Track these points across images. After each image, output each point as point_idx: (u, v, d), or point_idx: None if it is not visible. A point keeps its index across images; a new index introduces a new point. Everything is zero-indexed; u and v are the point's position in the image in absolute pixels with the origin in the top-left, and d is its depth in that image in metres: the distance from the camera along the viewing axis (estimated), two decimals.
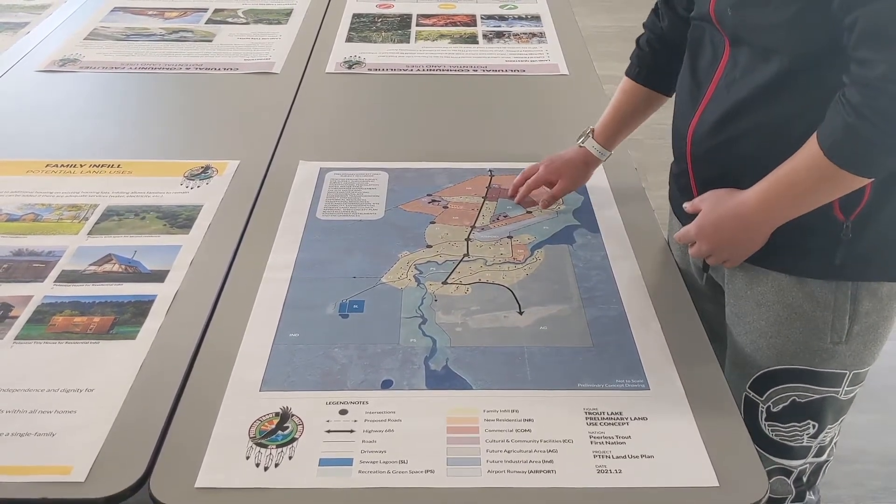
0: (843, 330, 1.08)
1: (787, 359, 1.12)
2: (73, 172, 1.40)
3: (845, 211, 1.03)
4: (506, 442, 0.91)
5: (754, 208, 1.04)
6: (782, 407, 1.15)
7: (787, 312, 1.10)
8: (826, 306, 1.08)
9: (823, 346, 1.10)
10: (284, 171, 1.40)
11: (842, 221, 1.03)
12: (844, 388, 1.14)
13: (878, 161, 0.95)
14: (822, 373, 1.12)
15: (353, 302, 1.11)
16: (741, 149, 1.06)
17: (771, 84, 1.01)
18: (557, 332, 1.06)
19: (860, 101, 0.90)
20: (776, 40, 0.99)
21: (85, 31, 1.95)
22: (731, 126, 1.06)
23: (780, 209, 1.03)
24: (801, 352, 1.11)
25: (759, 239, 1.06)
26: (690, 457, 0.89)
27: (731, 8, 1.02)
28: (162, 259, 1.18)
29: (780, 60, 0.99)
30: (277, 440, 0.90)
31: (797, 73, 0.99)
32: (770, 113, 1.02)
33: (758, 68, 1.02)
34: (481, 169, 1.41)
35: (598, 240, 1.24)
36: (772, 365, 1.13)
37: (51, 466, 0.87)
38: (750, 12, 1.00)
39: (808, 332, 1.10)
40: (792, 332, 1.10)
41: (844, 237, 1.04)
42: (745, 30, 1.02)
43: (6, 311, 1.09)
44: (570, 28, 2.00)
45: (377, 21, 2.02)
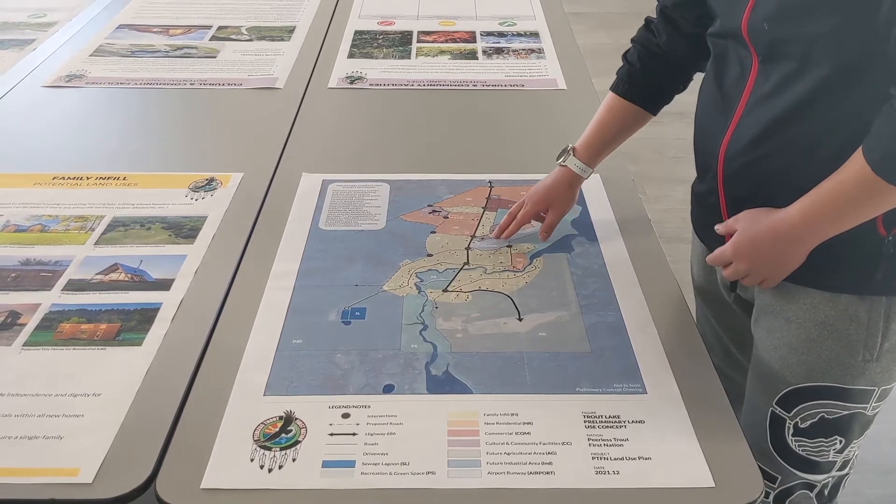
0: (876, 347, 1.07)
1: (817, 375, 1.10)
2: (79, 185, 1.42)
3: (888, 226, 1.01)
4: (505, 444, 0.92)
5: (796, 224, 1.01)
6: (810, 423, 1.13)
7: (819, 330, 1.08)
8: (860, 323, 1.06)
9: (854, 363, 1.08)
10: (287, 183, 1.43)
11: (884, 236, 1.01)
12: (872, 404, 1.12)
13: None
14: (851, 390, 1.10)
15: (356, 309, 1.13)
16: (775, 165, 1.03)
17: (807, 98, 0.98)
18: (556, 337, 1.08)
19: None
20: (816, 52, 0.96)
21: (91, 47, 1.98)
22: (766, 142, 1.03)
23: (824, 225, 0.99)
24: (832, 369, 1.09)
25: (799, 257, 1.03)
26: (687, 458, 0.91)
27: (767, 22, 0.99)
28: (167, 268, 1.20)
29: (818, 73, 0.96)
30: (281, 443, 0.92)
31: (835, 86, 0.96)
32: (806, 128, 1.00)
33: (793, 83, 0.99)
34: (481, 180, 1.44)
35: (596, 248, 1.26)
36: (801, 381, 1.11)
37: (59, 468, 0.89)
38: (789, 25, 0.97)
39: (840, 350, 1.08)
40: (824, 349, 1.08)
41: (886, 252, 1.02)
42: (782, 43, 0.99)
43: (15, 318, 1.11)
44: (568, 44, 2.03)
45: (378, 38, 2.05)
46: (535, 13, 2.22)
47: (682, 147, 3.56)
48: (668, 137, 3.52)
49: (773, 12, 0.98)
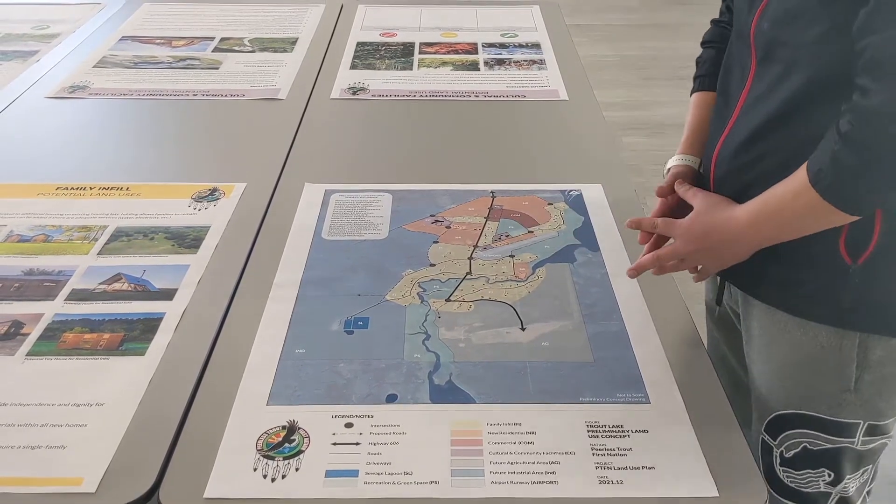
0: (851, 378, 1.04)
1: (796, 402, 1.09)
2: (82, 195, 1.42)
3: (851, 253, 0.99)
4: (509, 454, 0.92)
5: (742, 226, 1.03)
6: (794, 453, 1.12)
7: (794, 354, 1.07)
8: (831, 351, 1.04)
9: (831, 393, 1.06)
10: (290, 194, 1.43)
11: (848, 265, 1.00)
12: (860, 439, 1.08)
13: (859, 196, 0.92)
14: (833, 421, 1.07)
15: (358, 319, 1.13)
16: (759, 172, 1.04)
17: (791, 104, 0.99)
18: (559, 347, 1.08)
19: (849, 129, 0.89)
20: (800, 59, 0.97)
21: (94, 59, 1.99)
22: (752, 148, 1.05)
23: (767, 232, 1.01)
24: (811, 397, 1.07)
25: (741, 255, 1.05)
26: (690, 468, 0.90)
27: (768, 23, 1.01)
28: (170, 278, 1.21)
29: (799, 80, 0.97)
30: (284, 452, 0.92)
31: (817, 94, 0.97)
32: (789, 135, 1.00)
33: (780, 87, 1.00)
34: (483, 190, 1.44)
35: (599, 258, 1.26)
36: (782, 408, 1.10)
37: (62, 478, 0.89)
38: (783, 28, 0.99)
39: (815, 378, 1.07)
40: (800, 375, 1.08)
41: (851, 282, 1.00)
42: (776, 45, 1.01)
43: (18, 328, 1.11)
44: (569, 55, 2.03)
45: (381, 49, 2.06)
46: (536, 25, 2.23)
47: None
48: (671, 149, 3.53)
49: (775, 14, 1.00)
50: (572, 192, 1.43)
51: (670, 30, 4.83)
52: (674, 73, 4.26)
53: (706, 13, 5.05)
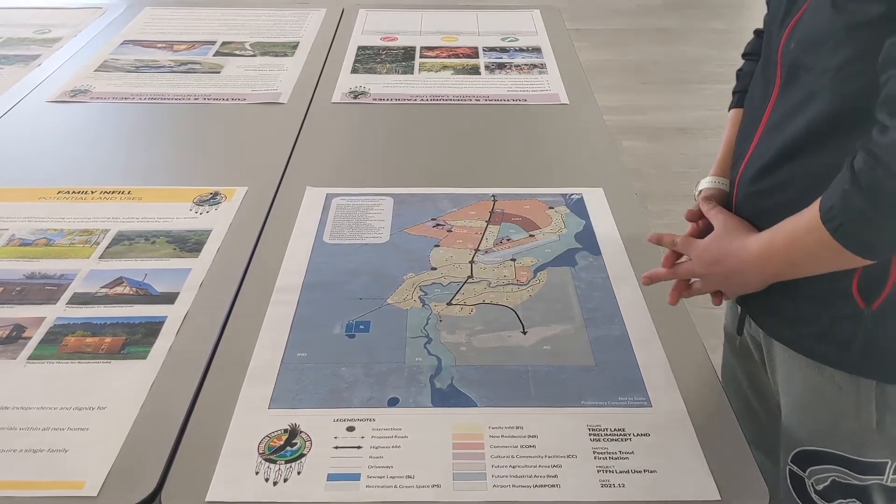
0: (872, 418, 1.00)
1: (818, 440, 1.05)
2: (84, 199, 1.43)
3: (865, 296, 0.96)
4: (511, 457, 0.92)
5: (753, 258, 1.01)
6: (824, 486, 1.07)
7: (811, 394, 1.05)
8: (848, 391, 1.01)
9: (852, 432, 1.02)
10: (292, 197, 1.43)
11: (861, 308, 0.96)
12: (890, 476, 1.03)
13: (870, 240, 0.88)
14: (857, 460, 1.03)
15: (360, 322, 1.13)
16: (776, 199, 1.01)
17: (811, 131, 0.96)
18: (560, 351, 1.08)
19: (861, 167, 0.85)
20: (821, 87, 0.94)
21: (95, 63, 2.00)
22: (770, 175, 1.02)
23: (777, 266, 0.99)
24: (833, 436, 1.04)
25: (753, 286, 1.04)
26: (692, 471, 0.91)
27: (795, 42, 0.98)
28: (172, 282, 1.21)
29: (823, 105, 0.94)
30: (286, 456, 0.92)
31: (837, 123, 0.93)
32: (806, 164, 0.97)
33: (801, 112, 0.97)
34: (484, 194, 1.44)
35: (600, 262, 1.26)
36: (807, 444, 1.07)
37: (64, 481, 0.89)
38: (808, 52, 0.96)
39: (833, 417, 1.03)
40: (818, 414, 1.04)
41: (864, 326, 0.96)
42: (800, 69, 0.97)
43: (20, 331, 1.11)
44: (570, 59, 2.04)
45: (381, 53, 2.07)
46: (537, 29, 2.23)
47: (684, 163, 3.58)
48: (671, 154, 3.55)
49: (802, 35, 0.97)
50: (573, 195, 1.44)
51: (669, 34, 4.83)
52: (673, 78, 4.27)
53: (705, 18, 5.11)
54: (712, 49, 4.56)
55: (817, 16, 0.95)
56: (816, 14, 0.95)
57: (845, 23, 0.91)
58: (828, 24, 0.93)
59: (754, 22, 1.27)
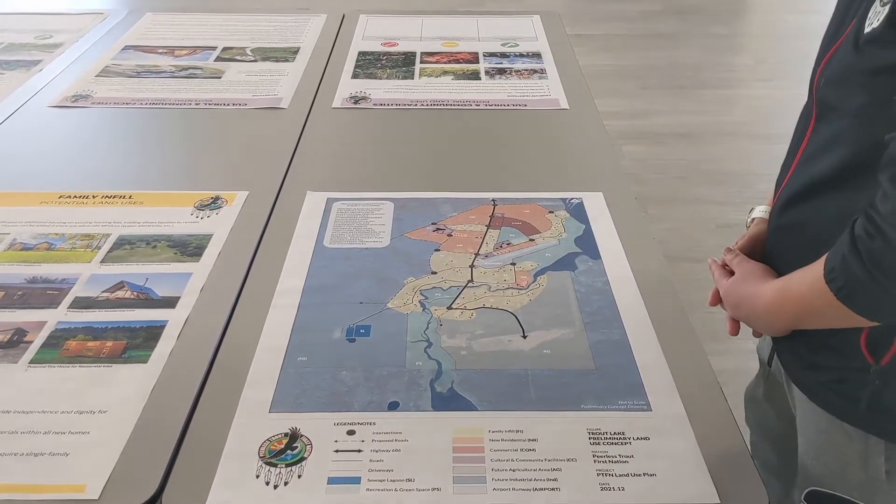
0: (881, 468, 0.98)
1: (828, 483, 1.04)
2: (85, 203, 1.43)
3: (873, 352, 0.94)
4: (511, 461, 0.92)
5: (765, 306, 1.01)
6: None
7: (821, 438, 1.04)
8: (857, 441, 0.99)
9: (861, 480, 1.00)
10: (292, 202, 1.44)
11: (870, 364, 0.94)
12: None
13: (875, 306, 0.86)
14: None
15: (360, 326, 1.13)
16: (797, 236, 1.01)
17: (831, 174, 0.94)
18: (560, 355, 1.09)
19: (860, 233, 0.83)
20: (845, 131, 0.92)
21: (96, 68, 2.00)
22: (793, 209, 1.01)
23: (788, 318, 0.99)
24: (839, 480, 1.02)
25: (775, 331, 1.05)
26: (692, 474, 0.91)
27: (825, 79, 0.96)
28: (173, 286, 1.21)
29: (843, 152, 0.92)
30: (287, 459, 0.92)
31: (854, 171, 0.91)
32: (824, 206, 0.96)
33: (827, 152, 0.95)
34: (485, 199, 1.45)
35: (600, 266, 1.26)
36: (818, 485, 1.05)
37: (65, 485, 0.89)
38: (833, 90, 0.94)
39: (841, 463, 1.02)
40: (827, 459, 1.03)
41: (870, 382, 0.95)
42: (828, 108, 0.96)
43: (21, 335, 1.11)
44: (570, 65, 2.04)
45: (382, 59, 2.07)
46: (536, 34, 2.24)
47: (684, 167, 3.58)
48: (671, 158, 3.55)
49: (830, 73, 0.96)
50: (573, 200, 1.44)
51: (668, 40, 4.84)
52: (672, 83, 4.27)
53: (705, 23, 5.12)
54: (713, 54, 4.57)
55: (845, 55, 0.93)
56: (844, 53, 0.93)
57: (866, 66, 0.88)
58: (851, 64, 0.91)
59: (755, 26, 1.27)
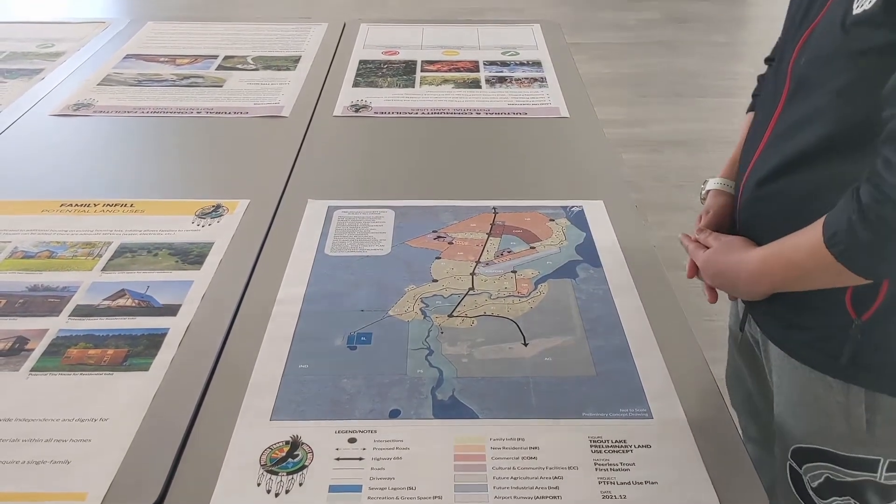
0: (862, 418, 1.03)
1: (810, 438, 1.09)
2: (86, 211, 1.43)
3: (857, 307, 0.99)
4: (512, 469, 0.92)
5: (752, 272, 1.06)
6: (818, 483, 1.11)
7: (802, 394, 1.08)
8: (838, 393, 1.04)
9: (841, 431, 1.05)
10: (293, 210, 1.44)
11: (852, 318, 1.00)
12: (884, 474, 1.06)
13: (874, 266, 0.93)
14: (848, 457, 1.06)
15: (361, 334, 1.13)
16: (774, 210, 1.06)
17: (810, 149, 0.99)
18: (561, 362, 1.09)
19: (868, 201, 0.88)
20: (825, 108, 0.97)
21: (98, 77, 2.01)
22: (770, 185, 1.06)
23: (776, 281, 1.04)
24: (821, 433, 1.07)
25: (754, 295, 1.10)
26: (693, 482, 0.91)
27: (805, 58, 1.01)
28: (174, 294, 1.21)
29: (823, 127, 0.97)
30: (288, 467, 0.92)
31: (836, 145, 0.97)
32: (803, 180, 1.01)
33: (804, 130, 1.00)
34: (485, 207, 1.45)
35: (601, 274, 1.27)
36: (801, 441, 1.10)
37: (66, 493, 0.89)
38: (816, 68, 0.99)
39: (823, 416, 1.06)
40: (809, 413, 1.08)
41: (853, 337, 1.00)
42: (807, 85, 1.01)
43: (22, 343, 1.11)
44: (570, 73, 2.05)
45: (383, 67, 2.08)
46: (537, 43, 2.25)
47: (683, 175, 3.59)
48: (670, 166, 3.56)
49: (813, 51, 1.00)
50: (574, 208, 1.44)
51: (666, 48, 4.85)
52: (670, 91, 4.28)
53: (701, 31, 5.12)
54: (712, 62, 4.58)
55: (827, 35, 0.97)
56: (827, 33, 0.98)
57: (852, 47, 0.93)
58: (836, 44, 0.95)
59: (755, 35, 1.29)
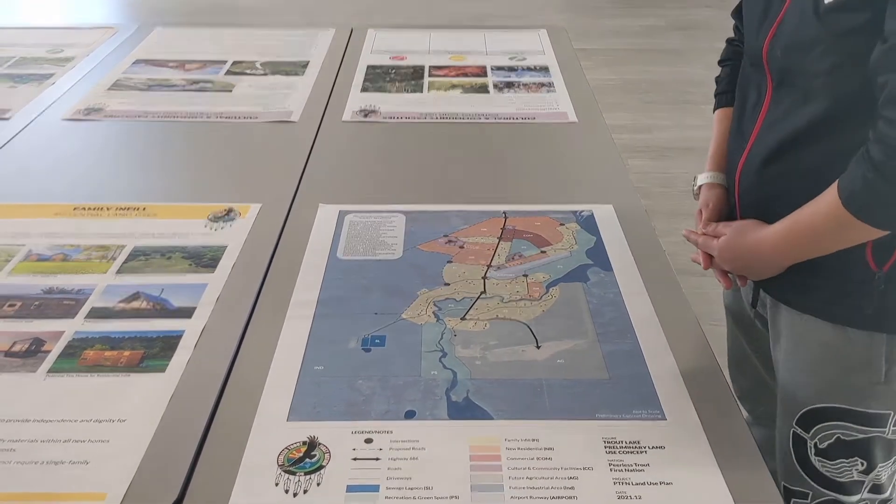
0: (881, 370, 1.09)
1: (827, 397, 1.14)
2: (99, 215, 1.44)
3: (878, 260, 1.05)
4: (527, 469, 0.93)
5: (772, 247, 1.11)
6: (828, 444, 1.16)
7: (822, 351, 1.13)
8: (859, 346, 1.10)
9: (860, 385, 1.11)
10: (305, 214, 1.45)
11: (874, 271, 1.06)
12: (891, 429, 1.13)
13: (888, 216, 0.98)
14: (863, 413, 1.12)
15: (375, 337, 1.14)
16: (780, 188, 1.11)
17: (810, 128, 1.05)
18: (574, 365, 1.09)
19: (881, 158, 0.94)
20: (816, 87, 1.03)
21: (108, 82, 2.02)
22: (773, 167, 1.11)
23: (797, 252, 1.09)
24: (840, 390, 1.13)
25: (775, 270, 1.13)
26: (707, 483, 0.91)
27: (781, 50, 1.07)
28: (189, 296, 1.22)
29: (819, 105, 1.03)
30: (305, 467, 0.93)
31: (835, 119, 1.03)
32: (808, 156, 1.07)
33: (798, 111, 1.06)
34: (496, 211, 1.46)
35: (612, 278, 1.27)
36: (813, 402, 1.15)
37: (85, 493, 0.90)
38: (797, 57, 1.04)
39: (843, 371, 1.12)
40: (829, 370, 1.13)
41: (877, 288, 1.06)
42: (791, 73, 1.07)
43: (39, 345, 1.12)
44: (577, 78, 2.06)
45: (391, 72, 2.09)
46: (544, 48, 2.26)
47: (689, 181, 3.58)
48: (677, 172, 3.56)
49: (787, 42, 1.06)
50: (584, 212, 1.45)
51: (672, 55, 4.87)
52: (675, 98, 4.29)
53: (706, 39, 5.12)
54: (716, 70, 4.59)
55: (801, 24, 1.03)
56: (799, 23, 1.03)
57: (831, 31, 0.99)
58: (813, 32, 1.01)
59: None
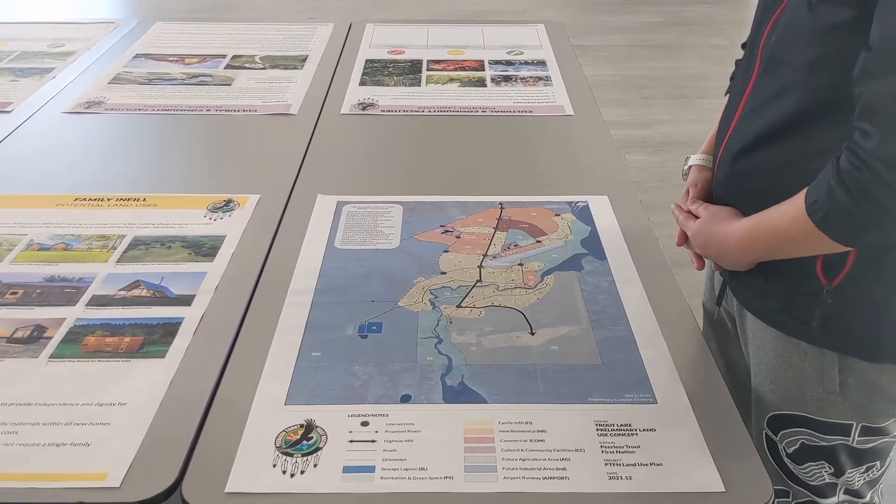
0: (835, 381, 1.08)
1: (788, 404, 1.14)
2: (100, 206, 1.46)
3: (827, 274, 1.03)
4: (520, 451, 0.95)
5: (737, 242, 1.11)
6: (794, 449, 1.16)
7: (779, 361, 1.13)
8: (813, 357, 1.09)
9: (817, 396, 1.10)
10: (303, 205, 1.46)
11: (823, 285, 1.04)
12: (856, 438, 1.12)
13: (853, 232, 0.96)
14: (823, 422, 1.11)
15: (372, 324, 1.16)
16: (753, 181, 1.10)
17: (782, 124, 1.04)
18: (568, 350, 1.11)
19: (847, 168, 0.92)
20: (794, 83, 1.02)
21: (109, 75, 2.04)
22: (746, 158, 1.11)
23: (760, 251, 1.09)
24: (797, 399, 1.12)
25: (740, 266, 1.14)
26: (697, 464, 0.93)
27: (775, 37, 1.07)
28: (188, 285, 1.24)
29: (792, 100, 1.03)
30: (302, 449, 0.95)
31: (803, 119, 1.02)
32: (776, 154, 1.06)
33: (774, 103, 1.06)
34: (492, 202, 1.47)
35: (605, 266, 1.29)
36: (777, 409, 1.15)
37: (87, 473, 0.92)
38: (785, 45, 1.05)
39: (799, 381, 1.11)
40: (786, 379, 1.13)
41: (823, 302, 1.04)
42: (776, 61, 1.07)
43: (41, 332, 1.14)
44: (574, 72, 2.08)
45: (389, 66, 2.11)
46: (541, 43, 2.28)
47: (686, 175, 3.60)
48: (673, 166, 3.58)
49: (781, 31, 1.06)
50: (579, 203, 1.47)
51: (669, 50, 4.88)
52: (673, 93, 4.31)
53: (704, 34, 5.13)
54: (714, 65, 4.60)
55: (796, 14, 1.03)
56: (795, 12, 1.04)
57: (819, 24, 0.99)
58: (804, 23, 1.01)
59: None
